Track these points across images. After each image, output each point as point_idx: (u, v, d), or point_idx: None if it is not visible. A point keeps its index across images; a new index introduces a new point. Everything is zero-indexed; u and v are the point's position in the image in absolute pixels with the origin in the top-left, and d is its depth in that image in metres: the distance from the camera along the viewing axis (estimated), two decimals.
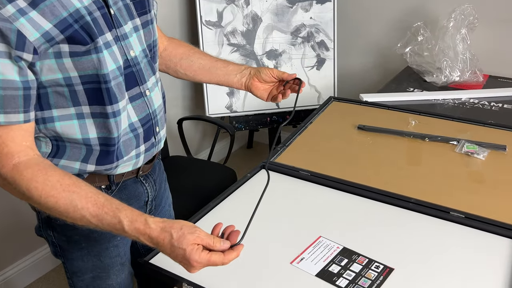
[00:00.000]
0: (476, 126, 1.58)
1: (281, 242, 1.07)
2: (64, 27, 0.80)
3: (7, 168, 0.78)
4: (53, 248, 1.05)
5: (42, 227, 1.03)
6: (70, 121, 0.87)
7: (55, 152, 0.89)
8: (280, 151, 1.47)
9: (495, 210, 1.15)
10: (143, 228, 0.77)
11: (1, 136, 0.78)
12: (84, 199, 0.78)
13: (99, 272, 1.06)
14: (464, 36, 1.98)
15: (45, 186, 0.78)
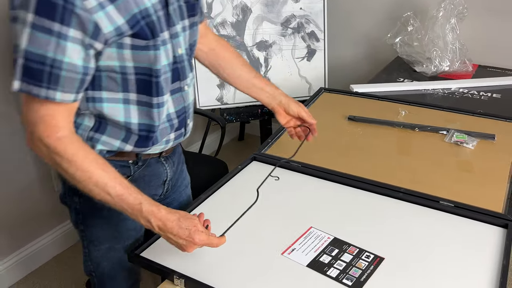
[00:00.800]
0: (466, 116, 1.59)
1: (272, 233, 1.07)
2: (134, 23, 0.87)
3: (52, 138, 0.86)
4: (75, 215, 1.12)
5: (67, 194, 1.10)
6: (117, 104, 0.95)
7: (97, 127, 0.97)
8: (271, 142, 1.47)
9: (484, 198, 1.16)
10: (157, 210, 0.90)
11: (53, 110, 0.86)
12: (113, 180, 0.89)
13: (114, 243, 1.13)
14: (454, 26, 1.99)
15: (84, 162, 0.87)
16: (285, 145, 1.45)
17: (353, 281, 0.93)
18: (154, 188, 1.13)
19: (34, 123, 0.86)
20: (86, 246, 1.15)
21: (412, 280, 0.94)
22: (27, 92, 0.83)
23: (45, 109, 0.85)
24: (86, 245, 1.15)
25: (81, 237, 1.15)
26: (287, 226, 1.09)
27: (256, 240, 1.05)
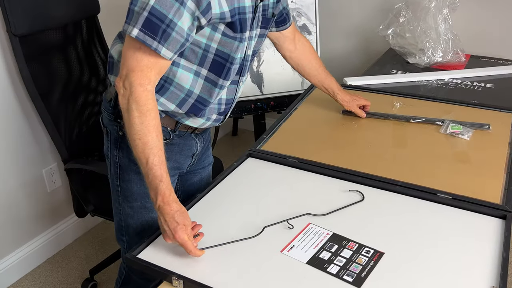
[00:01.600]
0: (460, 107, 1.58)
1: (271, 230, 1.06)
2: (232, 14, 1.03)
3: (143, 88, 0.98)
4: (114, 169, 1.20)
5: (110, 148, 1.20)
6: (189, 73, 1.09)
7: (158, 88, 1.08)
8: (266, 138, 1.45)
9: (481, 189, 1.16)
10: (168, 193, 0.99)
11: (152, 63, 0.98)
12: (159, 150, 1.00)
13: (146, 202, 1.20)
14: (446, 17, 1.98)
15: (151, 121, 0.99)
16: (280, 140, 1.44)
17: (354, 277, 0.92)
18: (184, 157, 1.25)
19: (133, 69, 0.98)
20: (120, 202, 1.23)
21: (412, 274, 0.93)
22: (142, 41, 0.95)
23: (148, 60, 0.98)
24: (120, 201, 1.23)
25: (116, 194, 1.23)
26: (285, 223, 1.08)
27: (254, 238, 1.03)
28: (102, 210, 1.66)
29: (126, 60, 0.99)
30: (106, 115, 1.19)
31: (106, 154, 1.23)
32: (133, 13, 0.96)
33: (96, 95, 1.78)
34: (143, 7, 0.94)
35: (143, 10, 0.94)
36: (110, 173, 1.24)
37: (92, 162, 1.69)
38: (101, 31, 1.81)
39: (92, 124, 1.74)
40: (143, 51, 0.97)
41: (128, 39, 0.98)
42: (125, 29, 0.97)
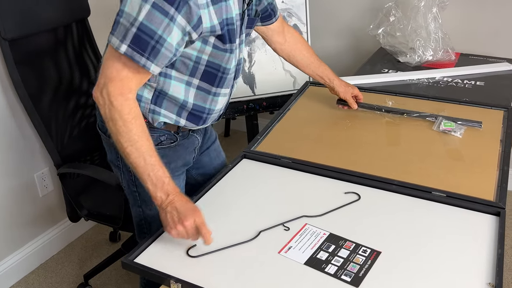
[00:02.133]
0: (452, 104, 1.60)
1: (268, 232, 1.06)
2: (222, 26, 1.03)
3: (123, 97, 0.98)
4: (129, 176, 1.21)
5: (120, 157, 1.18)
6: (180, 83, 1.10)
7: (155, 100, 1.11)
8: (260, 139, 1.45)
9: (475, 187, 1.17)
10: (176, 186, 1.03)
11: (133, 75, 0.98)
12: (152, 150, 1.01)
13: None
14: (436, 15, 2.00)
15: (138, 127, 1.00)
16: (274, 141, 1.44)
17: (351, 276, 0.93)
18: (189, 153, 1.28)
19: (112, 79, 0.97)
20: (140, 206, 1.25)
21: (410, 273, 0.94)
22: (130, 57, 0.95)
23: (128, 71, 0.97)
24: (139, 205, 1.25)
25: (134, 199, 1.25)
26: (282, 223, 1.08)
27: (251, 240, 1.03)
28: (96, 214, 1.64)
29: (106, 69, 0.98)
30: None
31: (115, 163, 1.23)
32: (120, 26, 0.95)
33: (88, 98, 1.76)
34: (132, 22, 0.93)
35: (132, 26, 0.93)
36: (124, 180, 1.24)
37: (85, 166, 1.68)
38: (92, 34, 1.79)
39: (84, 127, 1.73)
40: (124, 63, 0.97)
41: (111, 49, 0.97)
42: (111, 41, 0.96)
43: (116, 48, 0.95)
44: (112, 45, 0.96)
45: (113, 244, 2.18)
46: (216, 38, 1.05)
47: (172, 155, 1.20)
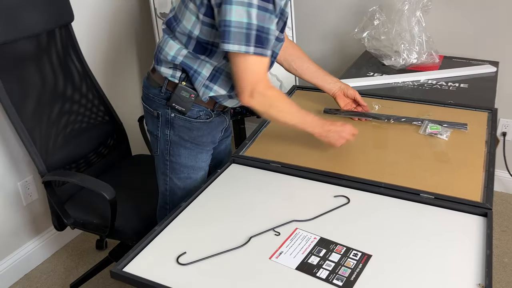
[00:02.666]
0: (437, 107, 1.62)
1: (258, 237, 1.05)
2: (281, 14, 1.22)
3: (270, 88, 1.18)
4: (165, 145, 1.35)
5: (160, 128, 1.33)
6: None
7: (211, 77, 1.25)
8: (249, 144, 1.45)
9: (462, 188, 1.18)
10: (321, 122, 1.30)
11: (265, 67, 1.16)
12: (299, 108, 1.27)
13: (191, 172, 1.38)
14: (419, 19, 2.02)
15: (285, 98, 1.24)
16: (263, 145, 1.44)
17: (343, 281, 0.93)
18: (218, 131, 1.40)
19: (257, 81, 1.15)
20: (168, 174, 1.39)
21: (401, 275, 0.94)
22: (260, 54, 1.11)
23: (262, 67, 1.15)
24: (168, 173, 1.38)
25: (165, 166, 1.38)
26: (272, 228, 1.07)
27: (242, 246, 1.03)
28: (82, 222, 1.62)
29: (246, 77, 1.14)
30: (156, 100, 1.31)
31: (155, 133, 1.36)
32: (236, 34, 1.08)
33: (73, 104, 1.74)
34: (248, 27, 1.08)
35: (250, 30, 1.09)
36: (159, 149, 1.37)
37: (71, 173, 1.65)
38: (76, 40, 1.77)
39: (70, 134, 1.70)
40: (257, 63, 1.13)
41: (237, 58, 1.12)
42: (234, 49, 1.09)
43: (245, 52, 1.10)
44: (237, 52, 1.10)
45: (100, 252, 2.15)
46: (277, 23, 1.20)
47: (205, 129, 1.34)
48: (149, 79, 1.34)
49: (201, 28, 1.17)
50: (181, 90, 1.25)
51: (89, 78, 1.81)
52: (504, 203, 2.41)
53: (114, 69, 2.33)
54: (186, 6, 1.18)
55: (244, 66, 1.13)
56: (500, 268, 1.98)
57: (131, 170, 1.85)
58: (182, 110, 1.27)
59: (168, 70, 1.26)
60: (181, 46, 1.22)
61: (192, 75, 1.24)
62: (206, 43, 1.19)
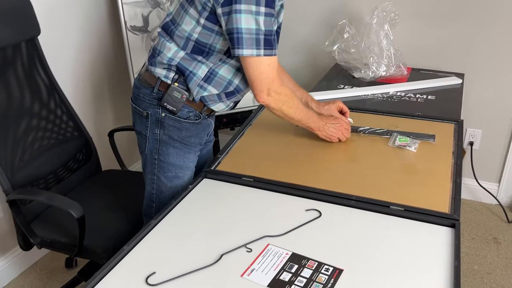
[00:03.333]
0: (405, 119, 1.65)
1: (230, 254, 1.04)
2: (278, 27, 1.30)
3: (282, 85, 1.29)
4: (154, 144, 1.38)
5: (150, 127, 1.37)
6: (233, 68, 1.32)
7: (206, 78, 1.30)
8: (221, 158, 1.44)
9: (430, 200, 1.20)
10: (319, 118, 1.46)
11: (276, 65, 1.26)
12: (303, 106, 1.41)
13: (179, 171, 1.41)
14: (387, 32, 2.07)
15: (297, 100, 1.37)
16: (235, 159, 1.43)
17: None
18: (204, 134, 1.44)
19: (272, 81, 1.25)
20: (156, 173, 1.41)
21: None
22: (270, 55, 1.22)
23: (273, 67, 1.24)
24: (155, 172, 1.41)
25: (152, 165, 1.41)
26: (244, 244, 1.06)
27: (214, 263, 1.01)
28: (50, 241, 1.57)
29: (261, 78, 1.24)
30: (146, 100, 1.35)
31: (143, 132, 1.39)
32: (247, 40, 1.18)
33: (40, 120, 1.69)
34: (257, 33, 1.18)
35: (259, 35, 1.19)
36: (147, 149, 1.40)
37: (38, 191, 1.60)
38: (43, 54, 1.73)
39: (37, 150, 1.66)
40: (268, 63, 1.22)
41: (251, 61, 1.22)
42: (247, 54, 1.19)
43: (257, 55, 1.20)
44: (251, 56, 1.20)
45: (70, 270, 2.09)
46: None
47: (194, 130, 1.38)
48: (140, 80, 1.38)
49: (201, 31, 1.24)
50: (173, 91, 1.30)
51: (57, 93, 1.77)
52: (473, 211, 2.47)
53: (83, 83, 2.29)
54: (186, 11, 1.25)
55: (260, 68, 1.22)
56: (470, 276, 2.02)
57: (100, 186, 1.81)
58: (173, 110, 1.32)
59: (162, 70, 1.31)
60: (178, 48, 1.28)
61: (188, 75, 1.29)
62: (204, 45, 1.26)
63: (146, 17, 2.20)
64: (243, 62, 1.24)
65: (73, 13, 2.14)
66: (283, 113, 1.34)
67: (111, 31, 2.38)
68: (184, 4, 1.26)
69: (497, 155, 2.43)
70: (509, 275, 2.02)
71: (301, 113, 1.38)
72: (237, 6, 1.15)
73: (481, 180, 2.47)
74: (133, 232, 1.49)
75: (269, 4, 1.18)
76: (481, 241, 2.24)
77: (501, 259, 2.11)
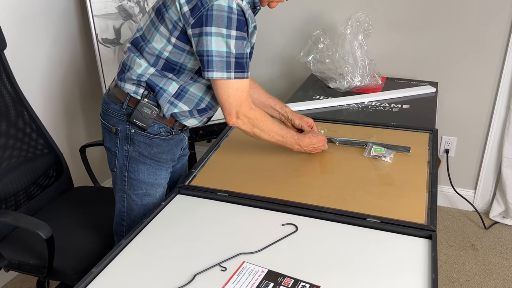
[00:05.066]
0: (380, 129, 1.65)
1: (204, 274, 1.01)
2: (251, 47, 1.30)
3: (252, 109, 1.27)
4: (123, 161, 1.35)
5: (119, 144, 1.33)
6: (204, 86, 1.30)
7: (176, 95, 1.28)
8: (195, 172, 1.41)
9: (406, 211, 1.20)
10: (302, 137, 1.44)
11: (246, 88, 1.24)
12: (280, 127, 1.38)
13: (150, 189, 1.37)
14: (361, 42, 2.08)
15: (267, 117, 1.33)
16: (210, 173, 1.40)
17: None
18: (177, 149, 1.42)
19: (240, 104, 1.23)
20: (126, 191, 1.37)
21: None
22: (240, 78, 1.20)
23: (244, 90, 1.23)
24: (126, 190, 1.37)
25: (122, 183, 1.37)
26: (218, 263, 1.03)
27: (186, 285, 0.98)
28: (18, 264, 1.50)
29: (231, 101, 1.22)
30: (116, 116, 1.32)
31: (113, 149, 1.36)
32: (218, 62, 1.16)
33: (8, 138, 1.63)
34: (228, 56, 1.17)
35: (229, 58, 1.17)
36: (117, 166, 1.36)
37: (3, 212, 1.53)
38: (9, 68, 1.68)
39: (5, 169, 1.59)
40: (239, 86, 1.21)
41: (221, 84, 1.20)
42: (217, 76, 1.18)
43: (227, 78, 1.18)
44: (221, 79, 1.18)
45: None
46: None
47: (165, 146, 1.35)
48: (110, 95, 1.35)
49: (172, 50, 1.21)
50: (142, 107, 1.27)
51: (26, 109, 1.71)
52: (450, 218, 2.48)
53: (54, 97, 2.23)
54: (156, 29, 1.22)
55: (228, 91, 1.21)
56: (449, 284, 2.02)
57: (72, 204, 1.75)
58: (143, 126, 1.29)
59: (131, 86, 1.28)
60: (148, 65, 1.25)
61: (158, 91, 1.26)
62: (175, 64, 1.24)
63: (118, 29, 2.16)
64: (213, 84, 1.22)
65: (42, 26, 2.09)
66: (256, 135, 1.32)
67: (82, 44, 2.33)
68: (154, 22, 1.23)
69: (472, 162, 2.45)
70: (487, 281, 2.03)
71: (276, 136, 1.35)
72: (207, 28, 1.13)
73: (457, 187, 2.50)
74: (105, 252, 1.44)
75: (240, 28, 1.16)
76: (459, 248, 2.25)
77: (479, 266, 2.12)
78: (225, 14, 1.12)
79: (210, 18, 1.12)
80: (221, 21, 1.13)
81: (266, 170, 1.42)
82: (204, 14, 1.12)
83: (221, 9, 1.12)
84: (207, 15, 1.12)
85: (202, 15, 1.13)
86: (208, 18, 1.12)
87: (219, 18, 1.12)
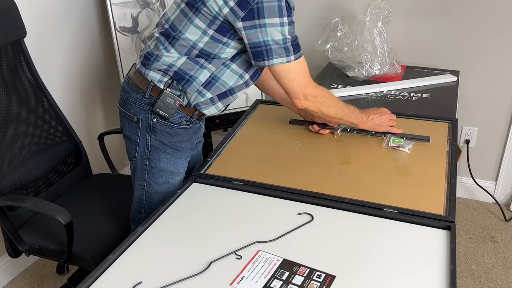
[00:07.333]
0: (399, 119, 1.62)
1: (219, 262, 1.01)
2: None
3: (317, 87, 1.31)
4: (145, 150, 1.36)
5: (140, 133, 1.34)
6: (235, 75, 1.31)
7: (206, 84, 1.29)
8: (211, 161, 1.41)
9: (425, 201, 1.18)
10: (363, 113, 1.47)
11: (306, 67, 1.28)
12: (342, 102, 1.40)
13: (169, 177, 1.38)
14: (381, 30, 2.04)
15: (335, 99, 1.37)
16: (226, 162, 1.40)
17: None
18: (195, 138, 1.43)
19: (307, 85, 1.27)
20: (146, 179, 1.38)
21: None
22: (299, 57, 1.24)
23: (304, 70, 1.26)
24: (146, 178, 1.38)
25: (142, 171, 1.38)
26: (234, 251, 1.03)
27: (202, 272, 0.98)
28: (38, 248, 1.53)
29: (295, 85, 1.26)
30: (136, 106, 1.32)
31: (133, 138, 1.36)
32: (276, 49, 1.20)
33: (28, 125, 1.65)
34: (285, 41, 1.20)
35: (287, 43, 1.21)
36: (138, 154, 1.37)
37: (24, 197, 1.56)
38: (29, 57, 1.69)
39: (25, 156, 1.62)
40: (297, 72, 1.24)
41: (283, 68, 1.23)
42: (278, 62, 1.21)
43: (287, 61, 1.22)
44: (281, 64, 1.22)
45: (62, 276, 2.05)
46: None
47: (185, 135, 1.36)
48: (129, 83, 1.34)
49: (208, 41, 1.22)
50: (166, 97, 1.27)
51: (46, 97, 1.73)
52: (470, 210, 2.44)
53: (73, 85, 2.25)
54: (190, 21, 1.22)
55: (290, 76, 1.24)
56: (468, 276, 2.00)
57: (90, 191, 1.78)
58: (166, 116, 1.29)
59: (157, 74, 1.28)
60: (179, 55, 1.25)
61: (188, 80, 1.27)
62: (208, 54, 1.25)
63: (136, 18, 2.16)
64: (273, 72, 1.25)
65: (61, 14, 2.11)
66: (323, 113, 1.34)
67: (100, 32, 2.34)
68: (187, 13, 1.22)
69: (493, 153, 2.40)
70: (506, 274, 1.99)
71: (342, 111, 1.37)
72: (261, 20, 1.16)
73: (477, 178, 2.45)
74: (122, 238, 1.46)
75: (289, 13, 1.20)
76: (479, 240, 2.21)
77: (499, 258, 2.09)
78: (275, 4, 1.15)
79: (262, 11, 1.15)
80: (272, 11, 1.15)
81: (282, 159, 1.41)
82: (255, 7, 1.15)
83: (270, 0, 1.14)
84: (258, 8, 1.15)
85: (253, 8, 1.15)
86: (260, 10, 1.15)
87: (270, 9, 1.15)
